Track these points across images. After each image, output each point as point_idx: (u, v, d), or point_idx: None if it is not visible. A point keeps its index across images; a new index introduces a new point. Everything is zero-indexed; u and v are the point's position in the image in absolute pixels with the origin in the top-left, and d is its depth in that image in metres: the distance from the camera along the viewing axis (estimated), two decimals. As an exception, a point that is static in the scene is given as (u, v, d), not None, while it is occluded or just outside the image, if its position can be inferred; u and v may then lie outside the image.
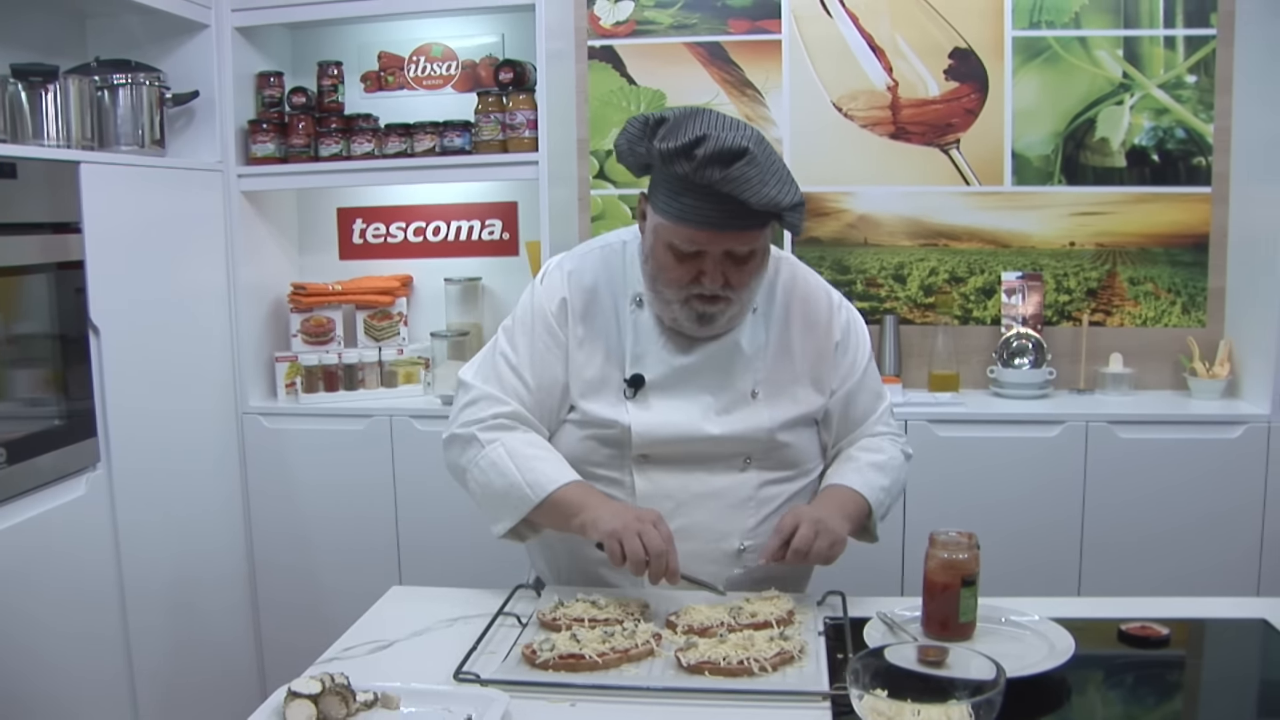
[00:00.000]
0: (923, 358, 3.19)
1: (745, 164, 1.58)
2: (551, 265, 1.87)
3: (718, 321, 1.74)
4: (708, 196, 1.61)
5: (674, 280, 1.70)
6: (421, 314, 3.35)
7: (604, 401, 1.78)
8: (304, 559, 3.06)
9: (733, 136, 1.59)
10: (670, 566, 1.59)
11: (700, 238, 1.65)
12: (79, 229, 2.38)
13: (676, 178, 1.63)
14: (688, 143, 1.59)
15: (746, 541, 1.79)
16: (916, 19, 3.13)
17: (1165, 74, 3.07)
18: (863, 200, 3.21)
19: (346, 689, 1.34)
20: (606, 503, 1.69)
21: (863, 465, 1.84)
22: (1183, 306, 3.12)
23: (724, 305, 1.71)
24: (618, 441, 1.77)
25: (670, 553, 1.59)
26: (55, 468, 2.31)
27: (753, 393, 1.79)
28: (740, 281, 1.70)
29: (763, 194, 1.58)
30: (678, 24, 3.22)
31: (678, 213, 1.65)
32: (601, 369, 1.79)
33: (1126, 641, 1.57)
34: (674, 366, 1.78)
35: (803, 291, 1.87)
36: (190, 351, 2.85)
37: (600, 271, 1.83)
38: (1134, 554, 2.79)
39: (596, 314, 1.81)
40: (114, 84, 2.71)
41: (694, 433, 1.76)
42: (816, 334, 1.85)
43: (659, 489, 1.77)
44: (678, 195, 1.64)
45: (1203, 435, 2.78)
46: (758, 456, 1.80)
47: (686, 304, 1.72)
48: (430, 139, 3.04)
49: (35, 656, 2.21)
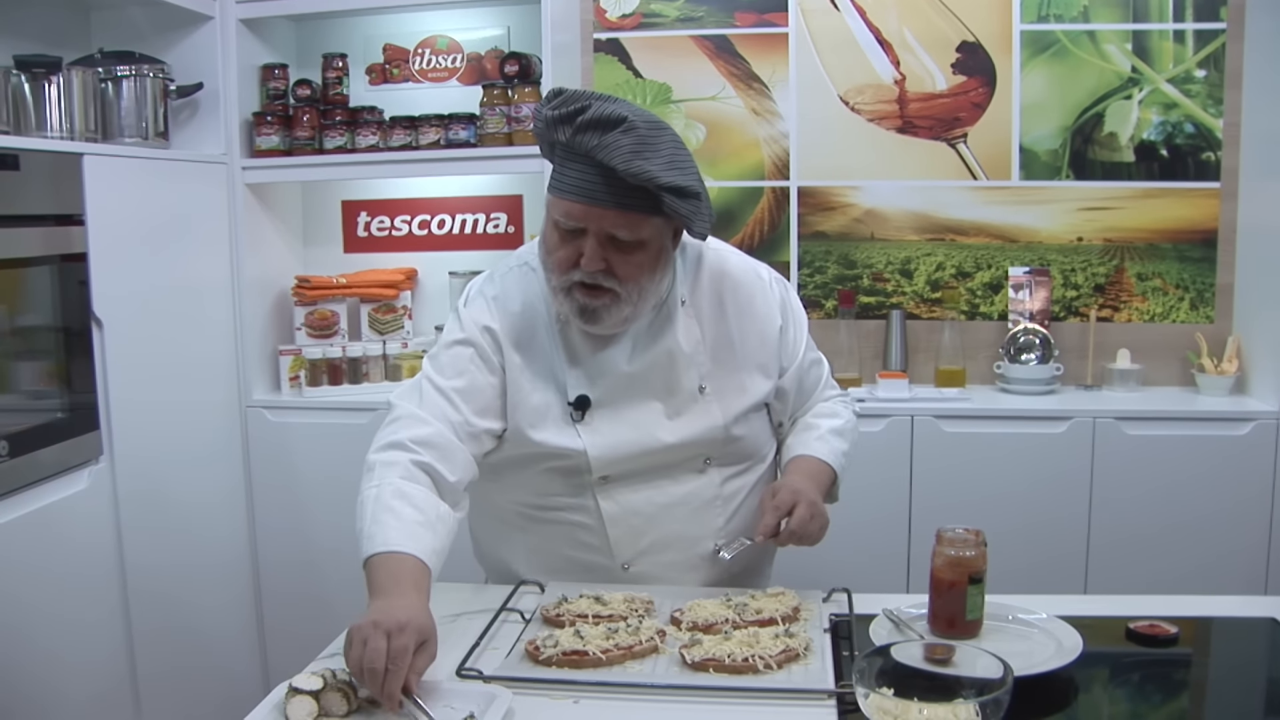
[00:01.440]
0: (929, 353, 3.17)
1: (621, 132, 1.53)
2: (473, 290, 1.80)
3: (603, 318, 1.65)
4: (587, 166, 1.57)
5: (557, 263, 1.64)
6: (426, 307, 3.34)
7: (553, 428, 1.72)
8: (307, 553, 3.06)
9: (616, 108, 1.55)
10: (385, 689, 1.30)
11: (577, 211, 1.59)
12: (82, 221, 2.37)
13: (560, 147, 1.61)
14: (572, 110, 1.56)
15: (720, 541, 1.77)
16: (924, 12, 3.11)
17: (1174, 68, 3.05)
18: (869, 194, 3.19)
19: (348, 685, 1.33)
20: (393, 598, 1.42)
21: (824, 432, 1.84)
22: (1191, 302, 3.11)
23: (609, 300, 1.64)
24: (576, 469, 1.72)
25: (390, 673, 1.30)
26: (58, 461, 2.30)
27: (700, 388, 1.76)
28: (626, 273, 1.62)
29: (634, 164, 1.52)
30: (684, 17, 3.21)
31: (558, 184, 1.61)
32: (543, 395, 1.72)
33: (1134, 640, 1.56)
34: (614, 379, 1.72)
35: (733, 278, 1.82)
36: (194, 344, 2.84)
37: (526, 293, 1.76)
38: (1141, 551, 2.78)
39: (528, 338, 1.74)
40: (118, 75, 2.71)
41: (650, 444, 1.73)
42: (756, 320, 1.81)
43: (625, 508, 1.74)
44: (561, 166, 1.62)
45: (1211, 432, 2.77)
46: (715, 455, 1.78)
47: (569, 293, 1.65)
48: (435, 132, 3.03)
49: (37, 649, 2.21)
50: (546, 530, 1.78)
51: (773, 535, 1.66)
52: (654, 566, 1.76)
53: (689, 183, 1.56)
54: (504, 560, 1.86)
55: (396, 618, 1.34)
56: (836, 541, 1.76)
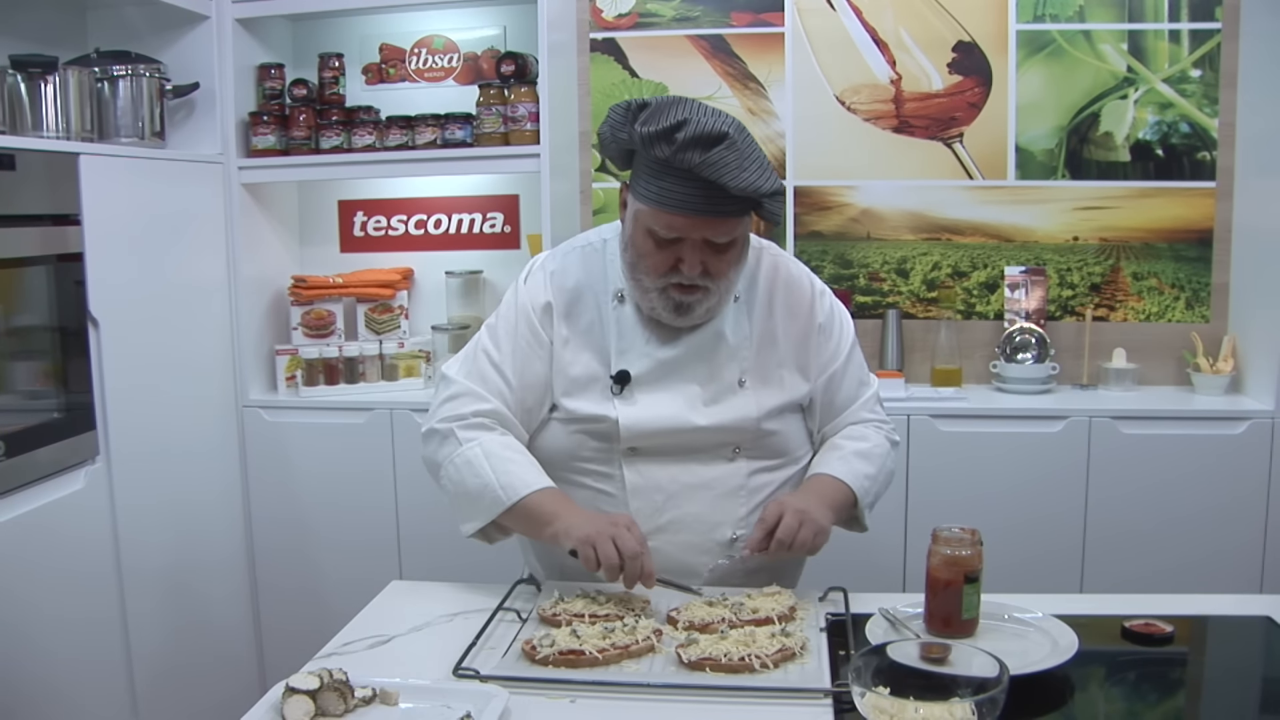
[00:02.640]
0: (925, 352, 3.18)
1: (725, 148, 1.58)
2: (535, 265, 1.88)
3: (695, 312, 1.73)
4: (687, 181, 1.62)
5: (652, 268, 1.70)
6: (422, 307, 3.34)
7: (590, 399, 1.77)
8: (304, 553, 3.06)
9: (713, 122, 1.60)
10: (645, 569, 1.57)
11: (679, 223, 1.65)
12: (78, 221, 2.37)
13: (657, 162, 1.64)
14: (669, 126, 1.60)
15: (739, 530, 1.78)
16: (920, 12, 3.12)
17: (1170, 68, 3.06)
18: (866, 194, 3.20)
19: (345, 685, 1.33)
20: (578, 511, 1.68)
21: (847, 453, 1.84)
22: (1186, 302, 3.11)
23: (702, 295, 1.71)
24: (606, 435, 1.77)
25: (645, 555, 1.58)
26: (54, 461, 2.30)
27: (740, 382, 1.79)
28: (719, 271, 1.70)
29: (741, 179, 1.58)
30: (680, 16, 3.21)
31: (657, 197, 1.65)
32: (587, 367, 1.78)
33: (1130, 639, 1.57)
34: (659, 360, 1.77)
35: (785, 279, 1.86)
36: (190, 344, 2.84)
37: (581, 271, 1.83)
38: (1137, 550, 2.79)
39: (580, 314, 1.81)
40: (114, 75, 2.70)
41: (682, 424, 1.76)
42: (799, 319, 1.85)
43: (649, 481, 1.76)
44: (658, 180, 1.65)
45: (1206, 431, 2.77)
46: (746, 446, 1.80)
47: (664, 293, 1.71)
48: (432, 131, 3.03)
49: (35, 649, 2.20)
50: (570, 493, 1.79)
51: (762, 548, 1.67)
52: (669, 544, 1.76)
53: (779, 185, 1.65)
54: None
55: (612, 519, 1.61)
56: (832, 541, 1.76)
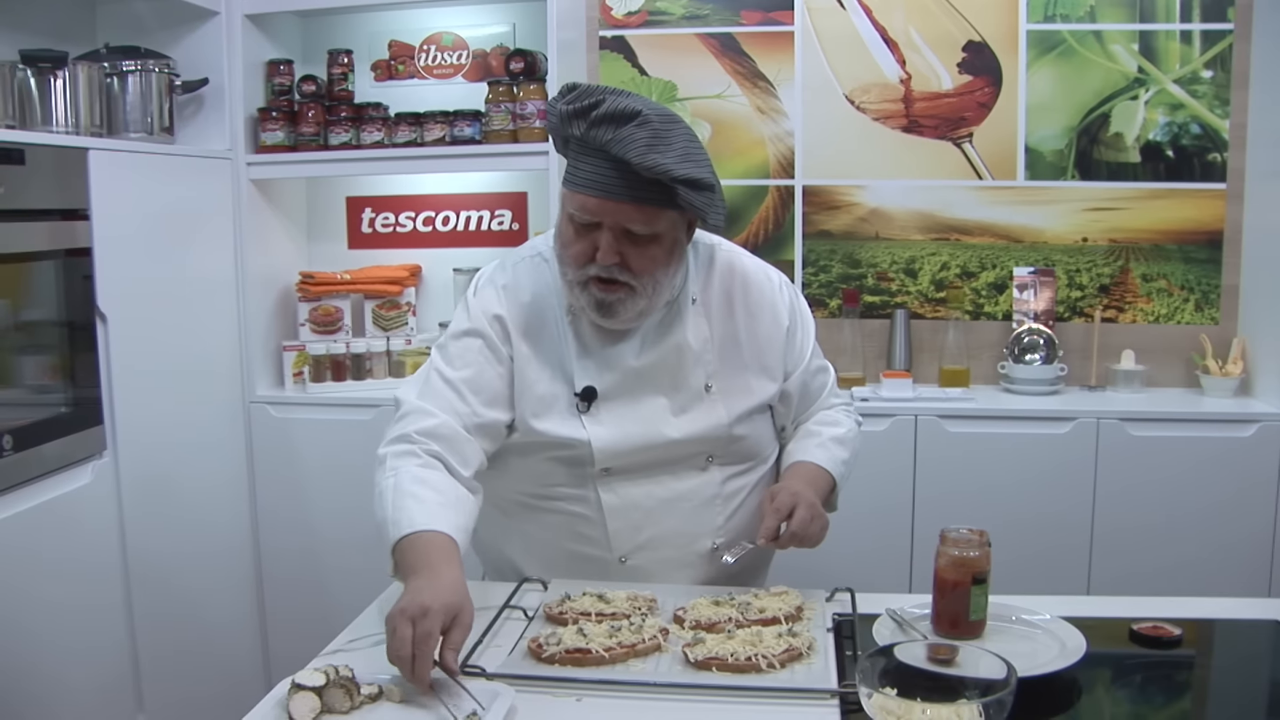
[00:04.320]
0: (933, 353, 3.17)
1: (636, 125, 1.55)
2: (483, 279, 1.80)
3: (619, 312, 1.67)
4: (601, 160, 1.59)
5: (572, 257, 1.65)
6: (430, 304, 3.34)
7: (557, 418, 1.72)
8: (310, 549, 3.06)
9: (631, 103, 1.57)
10: (416, 673, 1.34)
11: (592, 205, 1.61)
12: (87, 216, 2.37)
13: (575, 142, 1.62)
14: (586, 105, 1.58)
15: (718, 539, 1.77)
16: (930, 11, 3.11)
17: (1181, 69, 3.05)
18: (874, 194, 3.19)
19: (350, 681, 1.33)
20: (430, 578, 1.43)
21: (825, 440, 1.84)
22: (1196, 304, 3.10)
23: (625, 294, 1.65)
24: (579, 460, 1.73)
25: (418, 658, 1.34)
26: (61, 455, 2.31)
27: (706, 386, 1.76)
28: (640, 266, 1.63)
29: (649, 158, 1.54)
30: (690, 15, 3.21)
31: (572, 178, 1.63)
32: (550, 385, 1.73)
33: (1138, 641, 1.56)
34: (622, 372, 1.73)
35: (742, 277, 1.83)
36: (198, 340, 2.85)
37: (532, 284, 1.77)
38: (1145, 552, 2.78)
39: (537, 328, 1.75)
40: (123, 70, 2.70)
41: (654, 438, 1.73)
42: (763, 321, 1.82)
43: (625, 501, 1.74)
44: (576, 161, 1.63)
45: (1215, 434, 2.76)
46: (718, 453, 1.78)
47: (586, 287, 1.66)
48: (440, 128, 3.03)
49: (41, 642, 2.21)
50: (545, 520, 1.78)
51: (774, 538, 1.66)
52: (650, 562, 1.75)
53: (703, 175, 1.58)
54: (501, 551, 1.86)
55: (421, 602, 1.37)
56: (839, 541, 1.76)
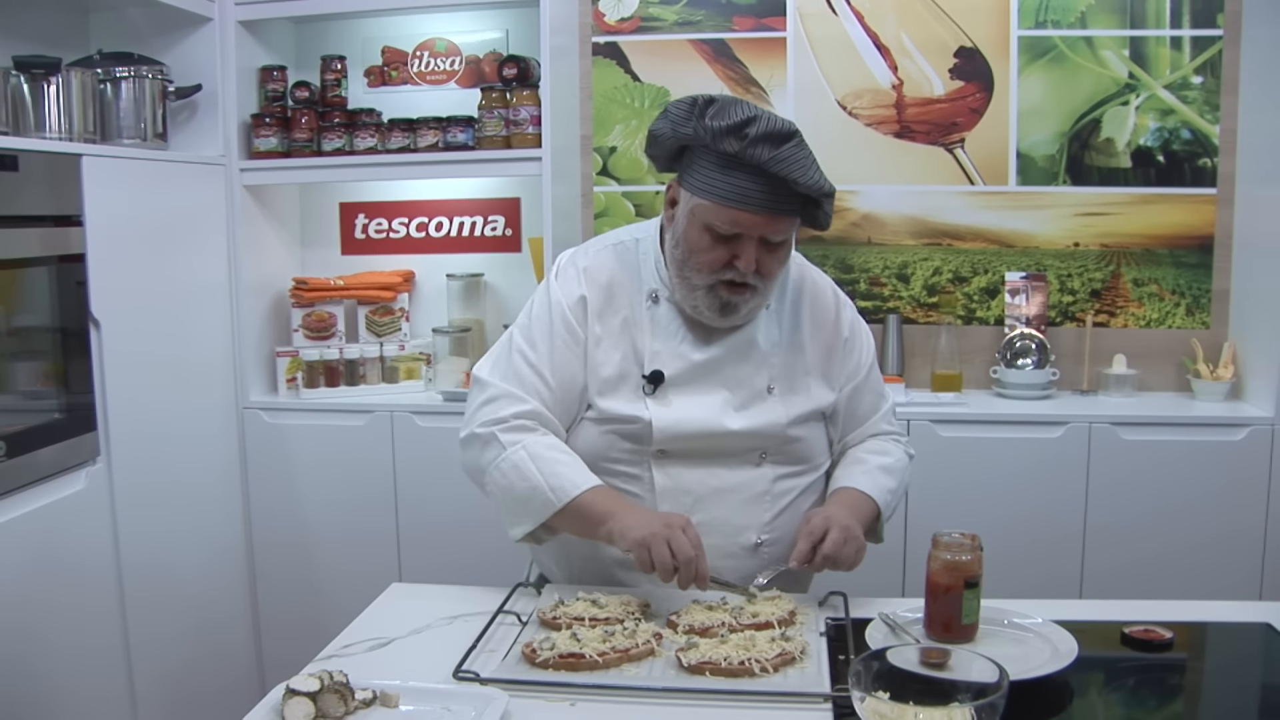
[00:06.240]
0: (926, 357, 3.18)
1: (794, 146, 1.62)
2: (564, 261, 1.86)
3: (740, 311, 1.74)
4: (754, 177, 1.64)
5: (706, 264, 1.70)
6: (423, 310, 3.34)
7: (622, 398, 1.77)
8: (304, 554, 3.06)
9: (782, 120, 1.64)
10: (700, 572, 1.56)
11: (742, 219, 1.66)
12: (80, 222, 2.37)
13: (724, 157, 1.65)
14: (740, 121, 1.62)
15: (764, 535, 1.79)
16: (922, 17, 3.12)
17: (1171, 74, 3.06)
18: (867, 199, 3.20)
19: (345, 687, 1.33)
20: (632, 509, 1.67)
21: (871, 468, 1.85)
22: (1187, 308, 3.11)
23: (749, 294, 1.73)
24: (637, 436, 1.76)
25: (699, 558, 1.57)
26: (55, 461, 2.30)
27: (769, 388, 1.80)
28: (770, 270, 1.72)
29: (809, 176, 1.63)
30: (682, 21, 3.21)
31: (722, 192, 1.66)
32: (620, 366, 1.78)
33: (1129, 645, 1.57)
34: (692, 362, 1.78)
35: (811, 288, 1.89)
36: (191, 346, 2.84)
37: (615, 268, 1.83)
38: (1136, 556, 2.79)
39: (614, 311, 1.80)
40: (116, 76, 2.71)
41: (714, 428, 1.76)
42: (825, 330, 1.87)
43: (677, 484, 1.77)
44: (723, 175, 1.66)
45: (1206, 438, 2.77)
46: (772, 451, 1.81)
47: (712, 291, 1.72)
48: (433, 134, 3.03)
49: (36, 648, 2.21)
50: None
51: (807, 560, 1.67)
52: None
53: (833, 187, 1.69)
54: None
55: (665, 520, 1.59)
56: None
